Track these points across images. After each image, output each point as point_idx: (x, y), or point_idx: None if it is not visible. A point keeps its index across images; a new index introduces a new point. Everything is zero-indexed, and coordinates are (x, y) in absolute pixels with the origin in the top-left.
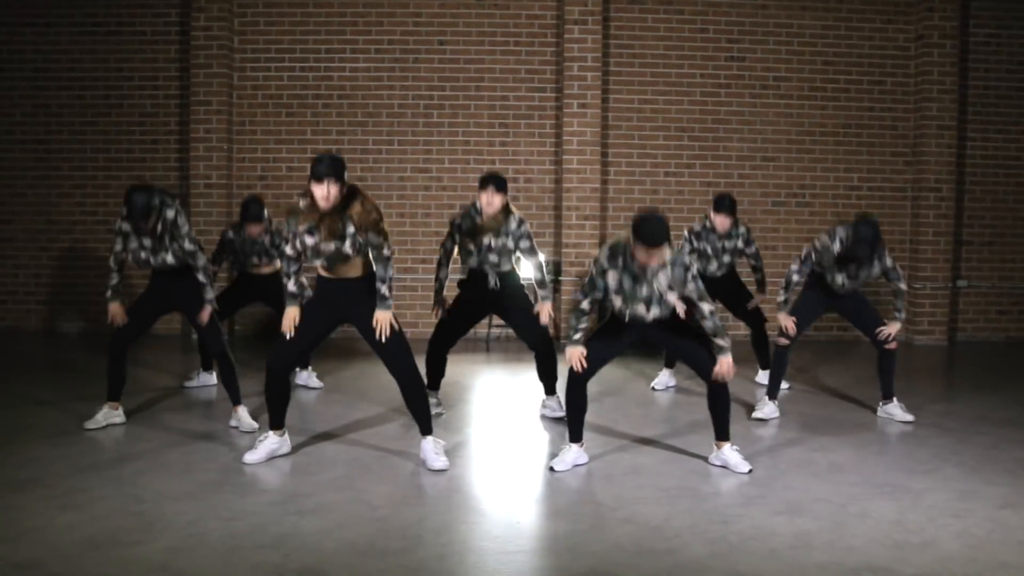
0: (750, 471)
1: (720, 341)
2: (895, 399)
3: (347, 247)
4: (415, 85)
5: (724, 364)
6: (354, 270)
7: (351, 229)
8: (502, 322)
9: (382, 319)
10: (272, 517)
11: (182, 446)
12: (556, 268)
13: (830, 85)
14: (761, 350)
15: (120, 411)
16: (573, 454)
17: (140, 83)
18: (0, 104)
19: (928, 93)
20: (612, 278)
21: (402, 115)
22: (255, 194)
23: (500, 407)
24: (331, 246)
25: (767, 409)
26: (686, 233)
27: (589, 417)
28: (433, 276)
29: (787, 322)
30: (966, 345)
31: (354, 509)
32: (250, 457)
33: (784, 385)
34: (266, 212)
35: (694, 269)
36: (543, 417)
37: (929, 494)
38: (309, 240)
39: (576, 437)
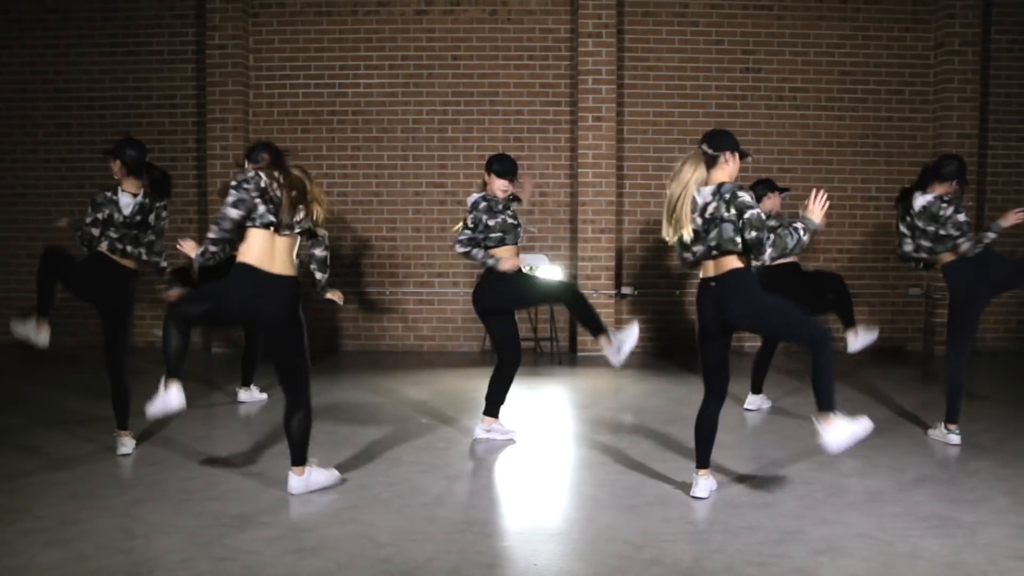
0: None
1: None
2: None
3: None
4: (429, 100)
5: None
6: None
7: None
8: None
9: None
10: (269, 557)
11: (184, 470)
12: (572, 281)
13: (847, 95)
14: (760, 371)
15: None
16: (707, 482)
17: (158, 102)
18: (24, 124)
19: (948, 101)
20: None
21: (416, 130)
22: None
23: (517, 427)
24: None
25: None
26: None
27: (599, 437)
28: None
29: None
30: (986, 356)
31: (357, 547)
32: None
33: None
34: None
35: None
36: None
37: (983, 529)
38: None
39: (704, 463)
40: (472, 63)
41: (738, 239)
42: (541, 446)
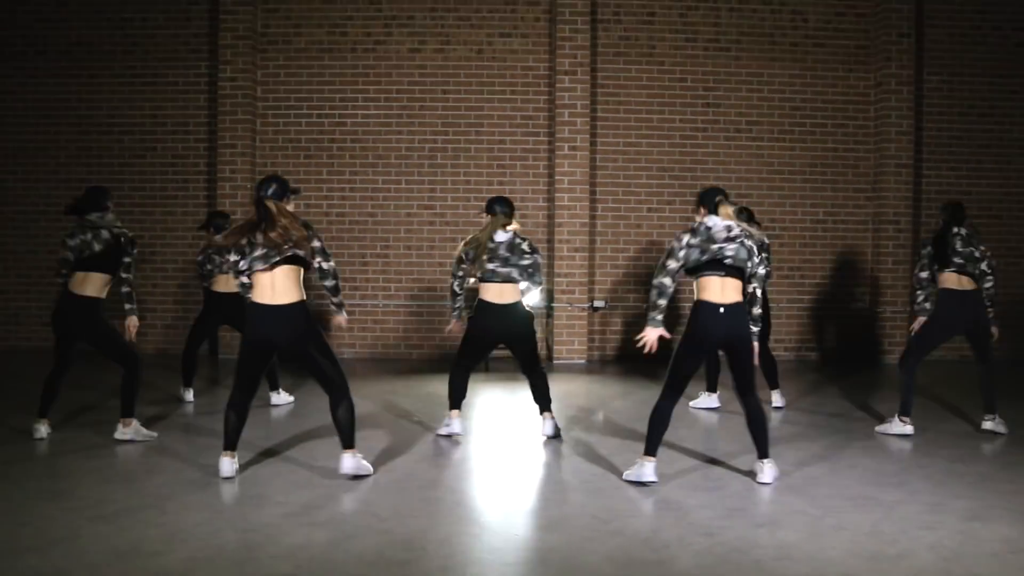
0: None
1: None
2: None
3: None
4: (421, 130)
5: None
6: None
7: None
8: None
9: None
10: (286, 528)
11: (204, 458)
12: (549, 295)
13: (797, 128)
14: (714, 373)
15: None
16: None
17: (172, 129)
18: (47, 147)
19: (887, 135)
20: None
21: (409, 157)
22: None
23: (499, 424)
24: None
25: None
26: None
27: (572, 433)
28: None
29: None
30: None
31: (362, 521)
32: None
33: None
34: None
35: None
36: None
37: (900, 506)
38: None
39: (652, 451)
40: (460, 97)
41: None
42: (519, 441)
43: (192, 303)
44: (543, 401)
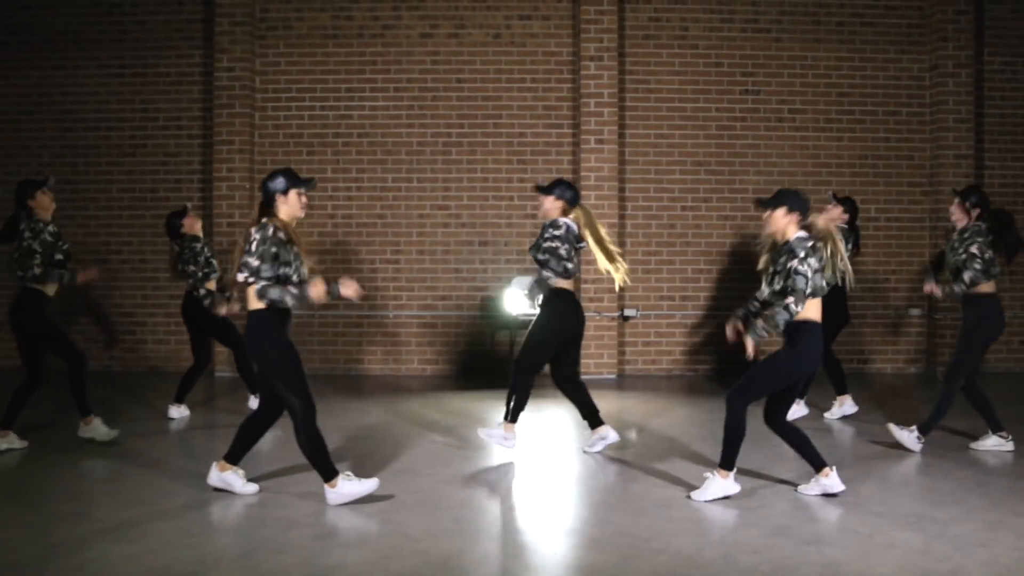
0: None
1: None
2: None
3: None
4: (433, 122)
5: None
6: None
7: None
8: None
9: None
10: (319, 550)
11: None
12: None
13: (845, 116)
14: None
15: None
16: (721, 484)
17: (164, 124)
18: (29, 145)
19: (944, 122)
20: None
21: (421, 152)
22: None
23: (533, 436)
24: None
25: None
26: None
27: (607, 450)
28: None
29: None
30: (991, 376)
31: (396, 542)
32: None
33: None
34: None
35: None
36: (588, 452)
37: (955, 524)
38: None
39: (729, 465)
40: (476, 86)
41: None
42: (552, 458)
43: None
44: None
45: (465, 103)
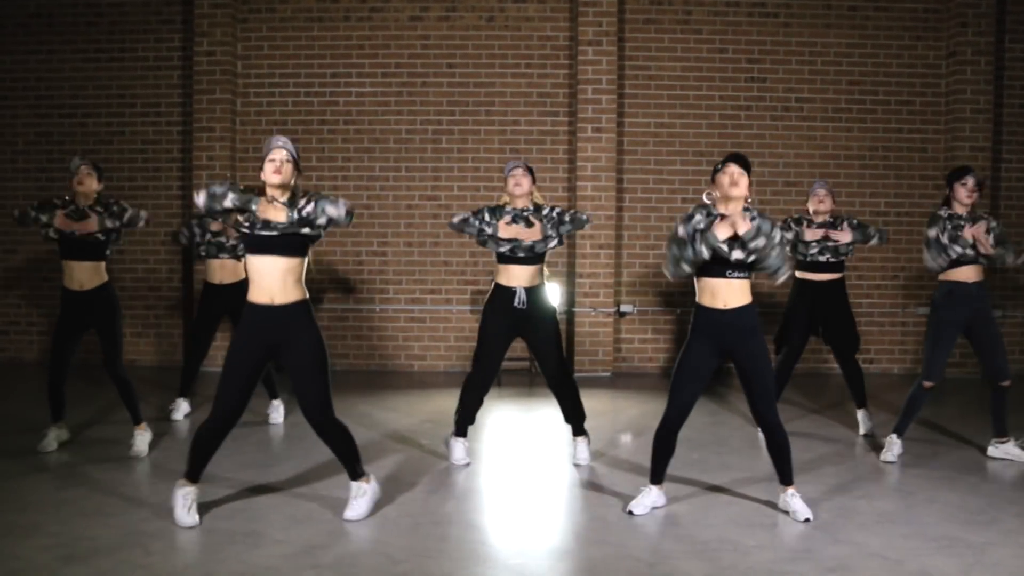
0: (807, 520)
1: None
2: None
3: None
4: (423, 110)
5: None
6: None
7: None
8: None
9: None
10: (288, 572)
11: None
12: (570, 299)
13: (855, 106)
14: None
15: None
16: (652, 497)
17: (142, 110)
18: (3, 133)
19: (960, 113)
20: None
21: (410, 140)
22: None
23: (521, 448)
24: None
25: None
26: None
27: (602, 457)
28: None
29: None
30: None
31: (375, 563)
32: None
33: None
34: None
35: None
36: (576, 465)
37: (992, 549)
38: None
39: (658, 479)
40: (468, 71)
41: None
42: (544, 466)
43: (163, 308)
44: (578, 421)
45: (456, 89)
